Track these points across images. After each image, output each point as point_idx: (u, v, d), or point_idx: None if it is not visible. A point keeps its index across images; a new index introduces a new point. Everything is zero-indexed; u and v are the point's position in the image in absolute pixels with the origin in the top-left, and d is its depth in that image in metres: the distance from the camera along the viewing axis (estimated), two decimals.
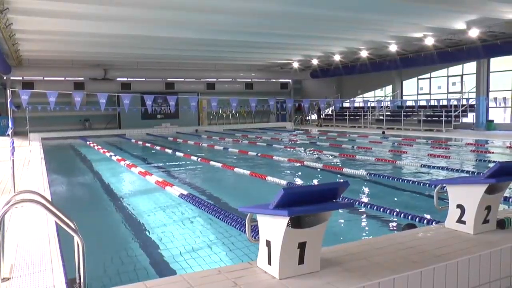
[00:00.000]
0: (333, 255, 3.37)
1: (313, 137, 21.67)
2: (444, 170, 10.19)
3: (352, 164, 11.68)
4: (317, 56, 25.84)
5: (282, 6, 13.14)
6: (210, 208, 6.64)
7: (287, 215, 2.70)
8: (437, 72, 26.24)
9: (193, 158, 13.34)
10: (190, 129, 27.83)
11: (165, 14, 13.77)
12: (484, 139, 17.94)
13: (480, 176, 4.08)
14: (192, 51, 22.20)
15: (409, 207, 6.77)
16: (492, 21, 16.14)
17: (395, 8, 13.89)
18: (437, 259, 3.34)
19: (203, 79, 31.45)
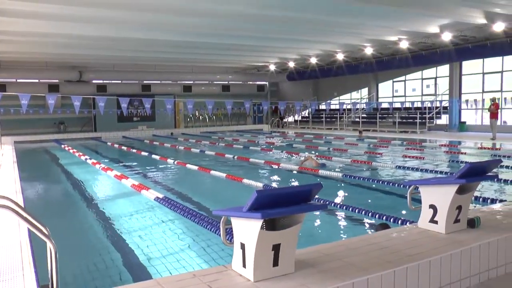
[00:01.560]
0: (308, 257, 3.39)
1: (290, 139, 21.77)
2: (419, 171, 10.37)
3: (328, 165, 11.78)
4: (293, 58, 25.99)
5: (259, 9, 13.19)
6: (186, 211, 6.60)
7: (260, 217, 2.70)
8: (412, 74, 26.71)
9: (170, 161, 13.25)
10: (167, 131, 27.67)
11: (141, 16, 13.66)
12: (457, 140, 18.31)
13: (451, 176, 4.17)
14: (168, 53, 22.08)
15: (384, 207, 6.86)
16: (464, 25, 16.54)
17: (370, 12, 14.09)
18: (410, 258, 3.39)
19: (179, 81, 31.31)
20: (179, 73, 30.51)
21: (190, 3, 12.48)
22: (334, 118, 28.91)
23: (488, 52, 20.30)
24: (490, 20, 15.66)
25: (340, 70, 26.75)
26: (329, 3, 12.59)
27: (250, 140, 20.84)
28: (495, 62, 22.10)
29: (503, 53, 20.44)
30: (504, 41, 18.62)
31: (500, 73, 22.12)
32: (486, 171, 4.27)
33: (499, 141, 16.90)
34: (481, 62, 22.60)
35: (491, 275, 3.85)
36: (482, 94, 22.72)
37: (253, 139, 21.72)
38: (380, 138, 20.13)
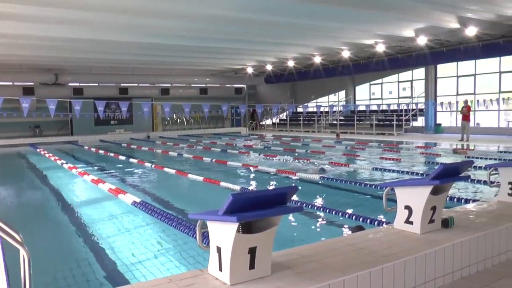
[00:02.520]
0: (285, 259, 3.40)
1: (268, 142, 21.82)
2: (395, 172, 10.52)
3: (305, 167, 11.86)
4: (271, 61, 26.08)
5: (235, 12, 13.19)
6: (163, 215, 6.55)
7: (236, 221, 2.70)
8: (389, 77, 27.09)
9: (147, 165, 13.14)
10: (144, 135, 27.41)
11: (117, 18, 13.52)
12: (433, 142, 18.63)
13: (426, 178, 4.24)
14: (146, 56, 21.88)
15: (361, 209, 6.93)
16: (438, 29, 16.86)
17: (347, 16, 14.24)
18: (386, 259, 3.43)
19: (157, 84, 31.11)
20: (157, 76, 30.34)
21: (167, 6, 12.40)
22: (312, 121, 29.11)
23: (461, 56, 20.74)
24: (463, 25, 16.00)
25: (318, 73, 26.95)
26: (305, 6, 12.67)
27: (228, 143, 20.82)
28: (468, 66, 22.59)
29: (476, 57, 20.91)
30: (476, 45, 19.05)
31: (473, 76, 22.62)
32: (459, 172, 4.36)
33: (472, 142, 17.26)
34: (455, 65, 23.08)
35: (464, 274, 3.92)
36: (456, 96, 23.18)
37: (231, 142, 21.69)
38: (358, 140, 20.35)
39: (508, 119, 21.29)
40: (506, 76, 21.34)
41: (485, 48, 19.21)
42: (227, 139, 23.52)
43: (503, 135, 19.72)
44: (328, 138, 21.83)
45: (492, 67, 21.70)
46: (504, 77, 21.40)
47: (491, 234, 4.22)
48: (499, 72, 21.47)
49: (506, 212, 4.93)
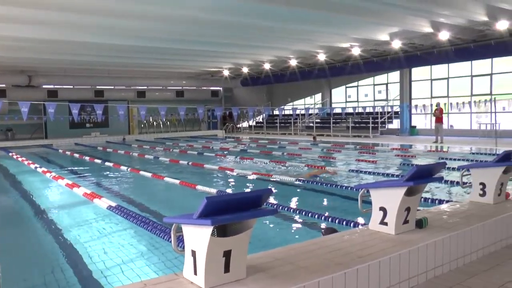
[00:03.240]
0: (260, 262, 3.40)
1: (244, 144, 21.82)
2: (371, 174, 10.64)
3: (282, 170, 11.90)
4: (247, 64, 26.11)
5: (211, 14, 13.16)
6: (139, 219, 6.48)
7: (210, 224, 2.69)
8: (364, 80, 27.45)
9: (123, 168, 12.99)
10: (121, 138, 27.06)
11: (93, 19, 13.33)
12: (408, 144, 18.95)
13: (400, 179, 4.29)
14: (121, 58, 21.63)
15: (337, 210, 6.99)
16: (412, 33, 17.15)
17: (322, 19, 14.37)
18: (361, 260, 3.46)
19: (133, 87, 30.84)
20: (133, 78, 30.04)
21: (141, 7, 12.28)
22: (288, 123, 29.25)
23: (435, 60, 21.16)
24: (436, 29, 16.32)
25: (294, 75, 27.09)
26: (281, 9, 12.71)
27: (204, 146, 20.75)
28: (442, 69, 23.07)
29: (449, 61, 21.37)
30: (449, 49, 19.45)
31: (447, 80, 23.09)
32: (432, 173, 4.44)
33: (445, 144, 17.60)
34: (429, 68, 23.54)
35: (437, 273, 3.99)
36: (430, 99, 23.63)
37: (208, 145, 21.62)
38: (334, 142, 20.52)
39: (479, 121, 21.79)
40: (477, 80, 21.86)
41: (457, 52, 19.64)
42: (204, 142, 23.43)
43: (475, 137, 20.18)
44: (305, 141, 21.96)
45: (464, 71, 22.21)
46: (475, 81, 21.92)
47: (463, 234, 4.30)
48: (470, 75, 21.98)
49: (478, 212, 5.04)
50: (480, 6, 13.73)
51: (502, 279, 3.86)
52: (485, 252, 4.54)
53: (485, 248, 4.56)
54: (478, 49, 19.04)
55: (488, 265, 4.25)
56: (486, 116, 21.76)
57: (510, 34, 17.11)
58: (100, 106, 13.78)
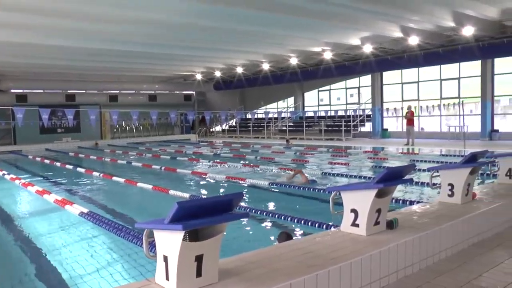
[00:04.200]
0: (232, 265, 3.40)
1: (217, 148, 21.80)
2: (344, 177, 10.77)
3: (255, 174, 11.94)
4: (219, 68, 26.11)
5: (183, 18, 13.13)
6: (111, 225, 6.40)
7: (181, 229, 2.68)
8: (336, 84, 27.78)
9: (95, 174, 12.80)
10: (93, 143, 26.60)
11: (62, 22, 13.09)
12: (380, 146, 19.24)
13: (370, 181, 4.37)
14: (93, 61, 21.31)
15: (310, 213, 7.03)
16: (383, 38, 17.47)
17: (294, 24, 14.46)
18: (332, 261, 3.50)
19: (105, 91, 30.42)
20: (105, 82, 29.63)
21: (113, 11, 12.16)
22: (262, 127, 29.35)
23: (405, 64, 21.57)
24: (405, 34, 16.67)
25: (266, 79, 27.19)
26: (253, 14, 12.77)
27: (177, 151, 20.63)
28: (412, 73, 23.55)
29: (418, 65, 21.85)
30: (418, 54, 19.88)
31: (417, 83, 23.58)
32: (402, 175, 4.53)
33: (417, 146, 17.96)
34: (400, 72, 24.00)
35: (408, 272, 4.07)
36: (401, 102, 24.08)
37: (181, 149, 21.49)
38: (307, 145, 20.67)
39: (449, 123, 22.32)
40: (446, 84, 22.40)
41: (426, 56, 20.09)
42: (177, 146, 23.28)
43: (445, 139, 20.65)
44: (278, 144, 22.05)
45: (433, 75, 22.74)
46: (444, 85, 22.46)
47: (432, 234, 4.41)
48: (440, 79, 22.51)
49: (446, 212, 5.17)
50: (447, 12, 14.10)
51: (468, 277, 3.98)
52: (453, 250, 4.66)
53: (454, 247, 4.67)
54: (446, 53, 19.52)
55: (456, 263, 4.37)
56: (455, 118, 22.29)
57: (476, 39, 17.61)
58: (71, 111, 13.55)
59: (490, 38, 17.54)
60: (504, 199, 5.89)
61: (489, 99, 20.53)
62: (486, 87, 20.40)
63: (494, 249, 4.82)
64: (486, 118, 20.46)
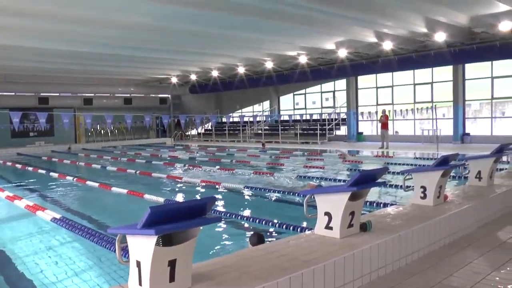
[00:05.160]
0: (206, 269, 3.39)
1: (193, 152, 21.71)
2: (319, 180, 10.85)
3: (230, 177, 11.94)
4: (195, 71, 26.02)
5: (156, 21, 13.01)
6: (85, 231, 6.30)
7: (154, 234, 2.67)
8: (312, 88, 27.98)
9: (69, 178, 12.57)
10: (66, 147, 26.10)
11: (35, 23, 12.81)
12: (355, 150, 19.48)
13: (344, 185, 4.42)
14: (67, 64, 20.93)
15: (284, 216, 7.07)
16: (357, 43, 17.68)
17: (269, 28, 14.50)
18: (306, 264, 3.53)
19: (79, 94, 29.91)
20: (79, 85, 29.13)
21: (85, 12, 11.94)
22: (237, 131, 29.35)
23: (380, 68, 21.86)
24: (380, 39, 16.92)
25: (242, 83, 27.18)
26: (228, 17, 12.76)
27: (153, 154, 20.47)
28: (386, 78, 23.92)
29: (392, 69, 22.19)
30: (392, 59, 20.20)
31: (391, 88, 23.96)
32: (375, 178, 4.60)
33: (391, 149, 18.24)
34: (374, 77, 24.34)
35: (381, 274, 4.13)
36: (376, 106, 24.41)
37: (156, 153, 21.33)
38: (283, 149, 20.75)
39: (422, 127, 22.74)
40: (419, 88, 22.83)
41: (400, 61, 20.43)
42: (152, 150, 23.09)
43: (419, 142, 21.03)
44: (253, 148, 22.07)
45: (407, 79, 23.15)
46: (418, 89, 22.89)
47: (404, 235, 4.48)
48: (413, 84, 22.92)
49: (418, 214, 5.27)
50: (420, 18, 14.38)
51: (440, 276, 4.07)
52: (425, 251, 4.75)
53: (426, 248, 4.77)
54: (419, 59, 19.89)
55: (428, 263, 4.46)
56: (428, 122, 22.72)
57: (448, 45, 18.00)
58: (43, 114, 13.28)
59: (461, 44, 17.96)
60: (473, 200, 6.03)
61: (461, 104, 21.00)
62: (458, 91, 20.87)
63: (465, 249, 4.94)
64: (458, 122, 20.92)
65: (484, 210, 6.10)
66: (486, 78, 20.45)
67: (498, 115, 20.89)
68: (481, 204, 6.08)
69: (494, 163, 7.21)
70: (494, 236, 5.50)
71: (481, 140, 19.60)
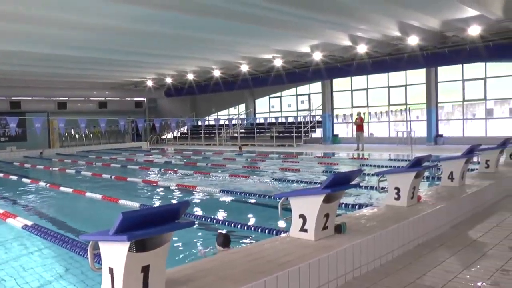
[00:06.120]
0: (181, 274, 3.37)
1: (169, 156, 21.54)
2: (295, 182, 10.89)
3: (206, 181, 11.89)
4: (170, 74, 25.86)
5: (130, 23, 12.87)
6: (57, 238, 6.18)
7: (126, 240, 2.63)
8: (287, 91, 28.12)
9: (42, 184, 12.32)
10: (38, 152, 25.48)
11: (5, 25, 12.50)
12: (331, 152, 19.64)
13: (318, 187, 4.44)
14: (39, 67, 20.48)
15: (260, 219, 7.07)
16: (332, 46, 17.84)
17: (244, 31, 14.50)
18: (281, 267, 3.53)
19: (53, 98, 29.36)
20: (53, 88, 28.52)
21: (59, 14, 11.72)
22: (213, 134, 29.28)
23: (354, 71, 22.04)
24: (354, 42, 17.11)
25: (217, 86, 27.08)
26: (202, 20, 12.69)
27: (128, 159, 20.25)
28: (361, 80, 24.23)
29: (367, 72, 22.48)
30: (367, 62, 20.44)
31: (366, 90, 24.28)
32: (349, 180, 4.64)
33: (366, 151, 18.44)
34: (349, 79, 24.61)
35: (356, 275, 4.17)
36: (351, 109, 24.68)
37: (132, 157, 21.10)
38: (259, 152, 20.76)
39: (397, 129, 23.10)
40: (393, 91, 23.20)
41: (374, 64, 20.70)
42: (128, 155, 22.82)
43: (393, 144, 21.36)
44: (230, 151, 22.04)
45: (381, 82, 23.49)
46: (392, 92, 23.25)
47: (379, 236, 4.54)
48: (387, 86, 23.28)
49: (393, 215, 5.34)
50: (393, 22, 14.62)
51: (413, 276, 4.14)
52: (399, 252, 4.82)
53: (400, 248, 4.84)
54: (393, 62, 20.19)
55: (402, 264, 4.52)
56: (402, 124, 23.09)
57: (420, 49, 18.33)
58: (14, 119, 12.95)
59: (433, 47, 18.31)
60: (446, 201, 6.16)
61: (434, 106, 21.43)
62: (431, 94, 21.29)
63: (437, 249, 5.03)
64: (431, 123, 21.33)
65: (456, 210, 6.23)
66: (457, 80, 20.94)
67: (469, 117, 21.38)
68: (454, 205, 6.21)
69: (465, 164, 7.37)
70: (465, 235, 5.62)
71: (454, 141, 20.03)
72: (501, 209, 7.00)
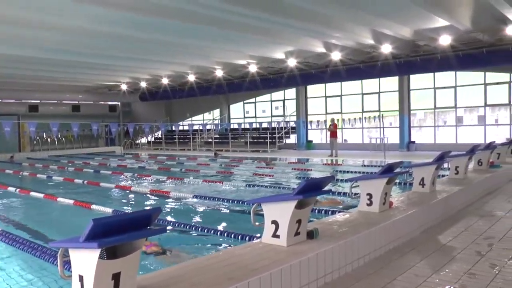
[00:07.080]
0: (152, 281, 3.34)
1: (143, 161, 21.34)
2: (268, 188, 10.93)
3: (179, 186, 11.82)
4: (145, 78, 25.66)
5: (103, 26, 12.71)
6: (26, 245, 6.04)
7: (97, 247, 2.60)
8: (262, 97, 28.25)
9: (11, 189, 11.99)
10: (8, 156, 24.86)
11: None
12: (305, 158, 19.78)
13: (290, 193, 4.47)
14: (9, 68, 19.91)
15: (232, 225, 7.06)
16: (306, 53, 18.03)
17: (218, 36, 14.50)
18: (253, 273, 3.54)
19: (24, 100, 28.71)
20: (24, 91, 27.91)
21: (29, 14, 11.44)
22: (187, 139, 29.15)
23: (328, 78, 22.32)
24: (328, 50, 17.33)
25: (192, 91, 27.03)
26: (176, 24, 12.61)
27: (101, 163, 19.95)
28: (335, 87, 24.52)
29: (341, 79, 22.78)
30: (341, 69, 20.73)
31: (340, 97, 24.58)
32: (322, 186, 4.69)
33: (340, 157, 18.66)
34: (324, 86, 24.88)
35: (327, 280, 4.21)
36: (325, 115, 24.94)
37: (105, 162, 20.79)
38: (233, 157, 20.74)
39: (370, 135, 23.44)
40: (367, 98, 23.56)
41: (348, 72, 21.00)
42: (101, 159, 22.48)
43: (367, 150, 21.67)
44: (204, 156, 21.96)
45: (355, 89, 23.84)
46: (366, 99, 23.61)
47: (350, 242, 4.59)
48: (361, 93, 23.63)
49: (365, 220, 5.42)
50: (367, 31, 14.88)
51: (384, 281, 4.20)
52: (371, 257, 4.88)
53: (371, 253, 4.90)
54: (367, 69, 20.53)
55: (374, 268, 4.59)
56: (376, 131, 23.46)
57: (393, 57, 18.70)
58: None
59: (406, 56, 18.70)
60: (417, 206, 6.28)
61: (406, 113, 21.87)
62: (403, 101, 21.73)
63: (408, 253, 5.12)
64: (404, 130, 21.74)
65: (427, 215, 6.36)
66: (429, 88, 21.44)
67: (440, 124, 21.87)
68: (424, 210, 6.33)
69: (436, 170, 7.53)
70: (435, 240, 5.74)
71: (426, 147, 20.46)
72: (469, 214, 7.17)
